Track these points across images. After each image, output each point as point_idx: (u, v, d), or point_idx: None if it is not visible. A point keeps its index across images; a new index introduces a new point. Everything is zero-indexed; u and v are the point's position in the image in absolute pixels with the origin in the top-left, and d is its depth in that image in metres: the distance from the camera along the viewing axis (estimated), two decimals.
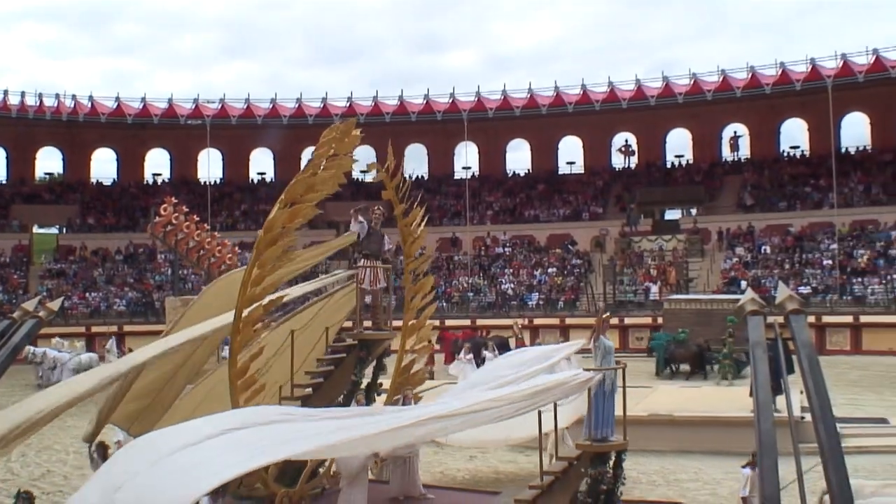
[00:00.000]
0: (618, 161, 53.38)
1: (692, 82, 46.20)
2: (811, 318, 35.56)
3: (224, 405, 11.70)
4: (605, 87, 47.67)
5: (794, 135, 50.94)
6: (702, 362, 28.24)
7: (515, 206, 51.45)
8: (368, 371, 13.17)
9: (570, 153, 54.22)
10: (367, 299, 13.00)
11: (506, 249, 47.97)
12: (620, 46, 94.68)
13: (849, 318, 37.17)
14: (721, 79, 45.54)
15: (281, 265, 11.10)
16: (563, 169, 53.97)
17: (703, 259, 44.45)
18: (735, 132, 51.74)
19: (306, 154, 53.41)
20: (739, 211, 47.18)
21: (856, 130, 49.46)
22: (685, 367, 28.79)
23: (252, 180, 56.09)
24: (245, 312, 10.66)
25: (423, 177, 54.31)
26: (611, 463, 11.18)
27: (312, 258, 15.45)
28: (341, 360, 12.97)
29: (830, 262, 41.05)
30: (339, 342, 13.42)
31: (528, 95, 48.38)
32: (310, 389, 12.20)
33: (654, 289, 41.69)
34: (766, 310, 7.78)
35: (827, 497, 8.98)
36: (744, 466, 12.02)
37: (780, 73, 44.77)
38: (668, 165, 52.31)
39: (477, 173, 53.81)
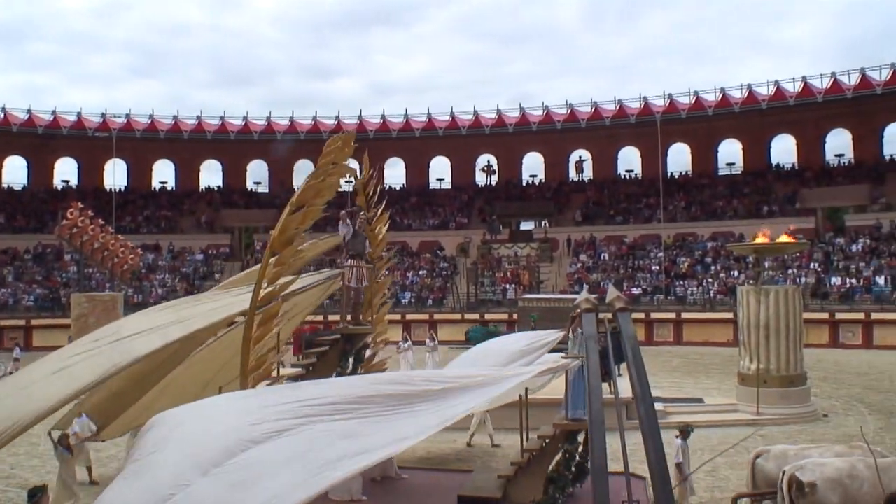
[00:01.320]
0: (481, 178, 57.17)
1: (545, 113, 50.92)
2: (641, 315, 39.95)
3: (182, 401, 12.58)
4: (471, 115, 51.81)
5: (630, 160, 55.91)
6: None
7: (391, 216, 54.61)
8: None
9: (440, 171, 57.96)
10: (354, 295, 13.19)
11: (383, 254, 50.84)
12: (485, 80, 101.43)
13: (672, 315, 41.15)
14: (569, 111, 50.49)
15: (295, 263, 11.38)
16: (434, 185, 57.53)
17: (552, 264, 48.31)
18: (580, 157, 56.27)
19: (205, 165, 56.20)
20: (583, 223, 51.49)
21: (680, 158, 55.03)
22: None
23: (154, 188, 57.26)
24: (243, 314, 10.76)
25: None
26: (581, 438, 11.41)
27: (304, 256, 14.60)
28: (324, 353, 13.26)
29: (658, 267, 45.82)
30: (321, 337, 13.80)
31: (405, 120, 51.65)
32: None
33: (511, 289, 44.72)
34: (599, 307, 8.71)
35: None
36: (676, 437, 12.64)
37: (618, 108, 50.11)
38: (524, 183, 56.34)
39: None
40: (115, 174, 53.82)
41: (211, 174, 58.29)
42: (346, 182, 31.54)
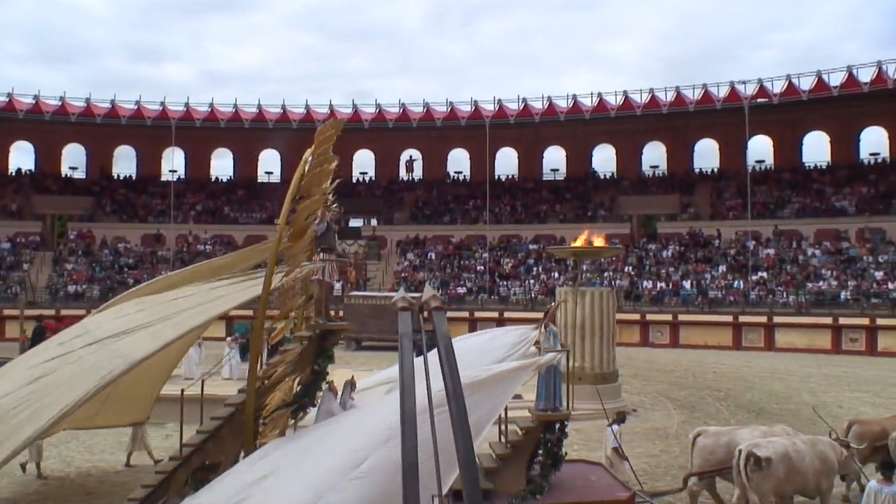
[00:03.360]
0: None
1: (377, 111, 50.86)
2: (465, 314, 41.57)
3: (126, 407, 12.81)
4: (303, 109, 51.10)
5: (460, 162, 56.82)
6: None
7: (217, 208, 53.35)
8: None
9: (270, 164, 56.87)
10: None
11: (206, 247, 49.26)
12: (322, 75, 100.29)
13: (496, 314, 41.55)
14: (401, 111, 50.72)
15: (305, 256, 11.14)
16: (263, 178, 56.56)
17: (380, 262, 48.81)
18: (411, 156, 56.64)
19: (15, 146, 52.91)
20: (412, 222, 52.23)
21: (507, 162, 56.31)
22: None
23: None
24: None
25: (131, 177, 55.06)
26: (557, 428, 11.81)
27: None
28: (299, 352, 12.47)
29: (483, 267, 47.06)
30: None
31: (234, 110, 50.38)
32: None
33: (338, 286, 43.48)
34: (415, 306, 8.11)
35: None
36: (609, 425, 13.55)
37: (449, 110, 50.85)
38: (355, 181, 55.89)
39: (183, 176, 54.60)
40: None
41: (22, 157, 54.81)
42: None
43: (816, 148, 51.48)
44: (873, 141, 50.10)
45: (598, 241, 25.84)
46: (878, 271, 40.62)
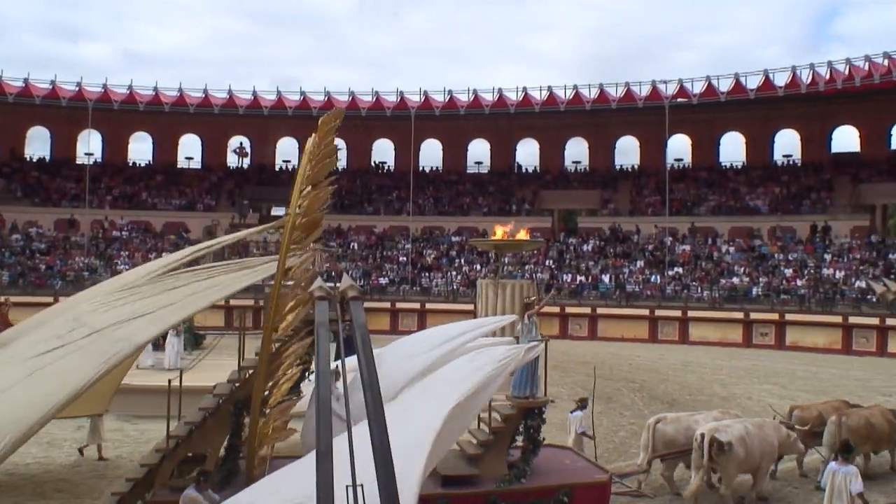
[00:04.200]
0: (233, 160, 55.63)
1: (302, 99, 50.21)
2: (387, 304, 41.67)
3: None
4: (226, 94, 50.25)
5: (385, 152, 56.84)
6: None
7: (135, 193, 52.04)
8: None
9: (190, 149, 55.90)
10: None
11: (123, 234, 48.44)
12: (246, 61, 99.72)
13: (417, 305, 42.10)
14: (326, 98, 49.84)
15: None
16: (183, 163, 55.46)
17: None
18: (337, 146, 57.09)
19: None
20: (335, 212, 49.79)
21: (432, 153, 56.41)
22: None
23: None
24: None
25: (44, 159, 53.42)
26: (537, 413, 12.30)
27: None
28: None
29: (405, 258, 47.03)
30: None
31: (154, 93, 49.12)
32: None
33: None
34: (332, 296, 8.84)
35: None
36: (572, 412, 14.51)
37: (374, 100, 50.54)
38: (278, 168, 55.62)
39: (100, 160, 53.42)
40: None
41: None
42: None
43: (733, 148, 53.10)
44: (787, 143, 51.91)
45: (521, 235, 26.16)
46: (787, 269, 41.98)
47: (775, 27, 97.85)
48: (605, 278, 43.94)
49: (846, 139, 50.54)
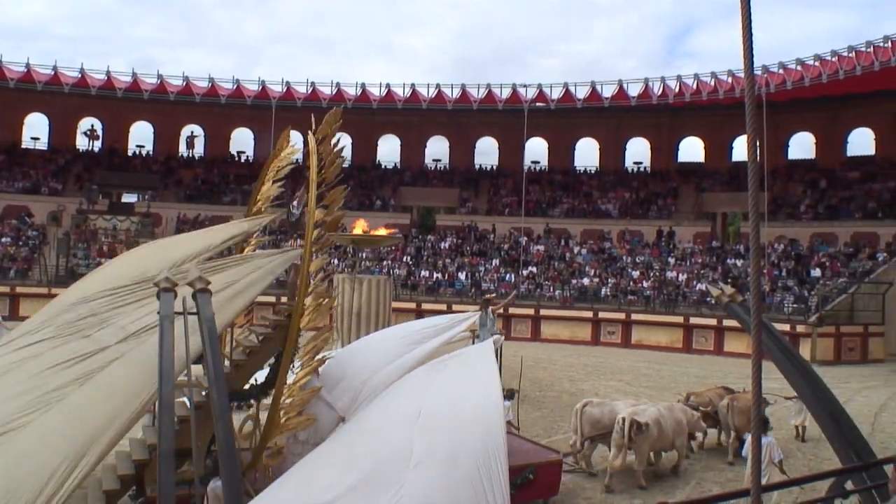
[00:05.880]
0: (83, 143, 53.29)
1: (159, 82, 48.45)
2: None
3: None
4: (78, 73, 47.69)
5: (245, 142, 55.87)
6: None
7: None
8: None
9: (37, 129, 53.19)
10: None
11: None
12: (104, 38, 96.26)
13: (273, 299, 38.41)
14: (185, 84, 48.80)
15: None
16: (28, 143, 52.66)
17: (154, 240, 47.30)
18: (192, 132, 54.92)
19: None
20: (190, 201, 50.34)
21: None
22: None
23: None
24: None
25: None
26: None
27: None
28: (266, 335, 12.26)
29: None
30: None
31: None
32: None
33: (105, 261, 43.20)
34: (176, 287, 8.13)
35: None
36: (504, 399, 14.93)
37: (235, 87, 49.55)
38: (131, 153, 53.74)
39: None
40: None
41: None
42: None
43: (587, 153, 54.98)
44: (638, 151, 54.19)
45: (381, 231, 26.29)
46: (634, 270, 43.83)
47: (633, 40, 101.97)
48: (462, 276, 44.64)
49: (692, 150, 53.30)
